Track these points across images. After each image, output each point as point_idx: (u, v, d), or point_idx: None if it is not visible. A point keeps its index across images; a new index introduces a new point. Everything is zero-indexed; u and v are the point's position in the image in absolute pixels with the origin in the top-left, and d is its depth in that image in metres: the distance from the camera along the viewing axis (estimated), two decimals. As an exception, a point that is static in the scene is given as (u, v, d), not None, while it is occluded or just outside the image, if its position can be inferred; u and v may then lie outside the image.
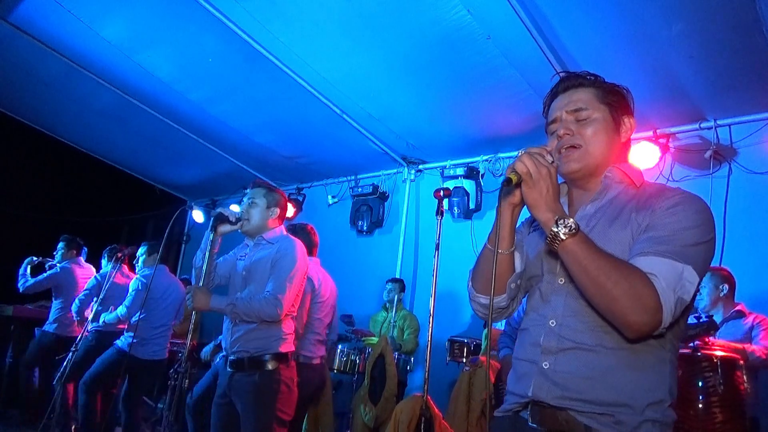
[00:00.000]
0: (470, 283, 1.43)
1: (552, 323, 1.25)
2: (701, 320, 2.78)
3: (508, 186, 1.17)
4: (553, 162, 1.18)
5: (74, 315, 4.52)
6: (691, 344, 2.63)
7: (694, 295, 1.14)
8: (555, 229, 1.12)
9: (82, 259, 5.22)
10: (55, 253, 5.14)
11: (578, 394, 1.16)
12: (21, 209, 7.72)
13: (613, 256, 1.13)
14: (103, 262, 4.85)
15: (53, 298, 4.95)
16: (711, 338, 2.73)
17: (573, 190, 1.39)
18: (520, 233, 1.43)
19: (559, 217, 1.13)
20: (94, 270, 5.14)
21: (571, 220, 1.12)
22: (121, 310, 4.08)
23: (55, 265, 5.01)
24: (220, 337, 4.02)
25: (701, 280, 1.14)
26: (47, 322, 4.89)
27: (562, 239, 1.12)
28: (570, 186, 1.40)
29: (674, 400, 1.19)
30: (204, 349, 4.27)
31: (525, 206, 1.24)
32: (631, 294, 1.07)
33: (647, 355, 1.17)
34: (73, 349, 3.90)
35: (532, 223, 1.46)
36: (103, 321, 4.19)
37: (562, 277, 1.27)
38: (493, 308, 1.33)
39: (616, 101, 1.34)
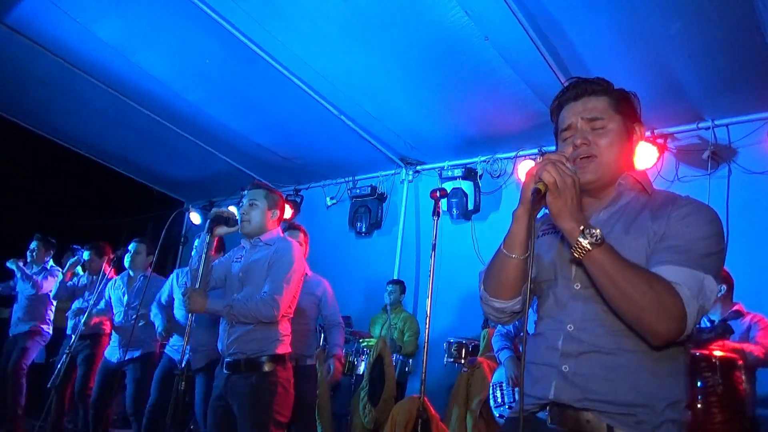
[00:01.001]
0: (482, 287, 1.42)
1: (570, 327, 1.25)
2: (715, 324, 2.76)
3: (538, 196, 1.18)
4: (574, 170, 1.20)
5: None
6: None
7: None
8: (581, 240, 1.13)
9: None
10: (28, 252, 4.91)
11: (600, 395, 1.18)
12: (19, 212, 7.69)
13: (638, 266, 1.14)
14: (80, 264, 4.66)
15: (27, 296, 4.77)
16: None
17: (583, 198, 1.38)
18: None
19: (584, 227, 1.14)
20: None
21: (597, 230, 1.13)
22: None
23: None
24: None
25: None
26: (22, 322, 4.71)
27: (588, 249, 1.13)
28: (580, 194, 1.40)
29: (688, 400, 1.21)
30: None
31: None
32: (657, 303, 1.09)
33: (665, 357, 1.19)
34: (67, 351, 3.86)
35: (540, 227, 1.46)
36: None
37: (579, 283, 1.27)
38: (507, 311, 1.39)
39: (628, 109, 1.35)
